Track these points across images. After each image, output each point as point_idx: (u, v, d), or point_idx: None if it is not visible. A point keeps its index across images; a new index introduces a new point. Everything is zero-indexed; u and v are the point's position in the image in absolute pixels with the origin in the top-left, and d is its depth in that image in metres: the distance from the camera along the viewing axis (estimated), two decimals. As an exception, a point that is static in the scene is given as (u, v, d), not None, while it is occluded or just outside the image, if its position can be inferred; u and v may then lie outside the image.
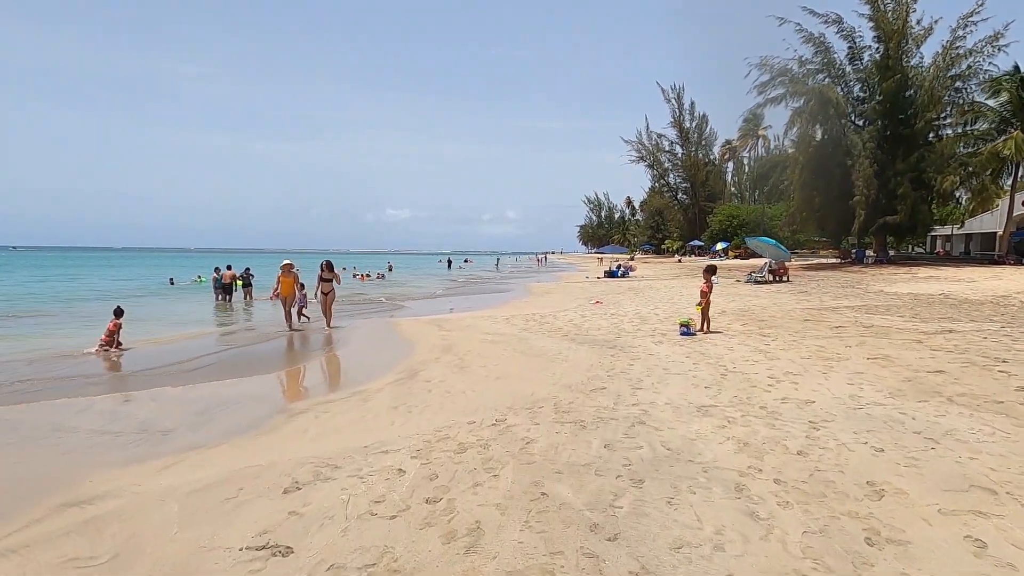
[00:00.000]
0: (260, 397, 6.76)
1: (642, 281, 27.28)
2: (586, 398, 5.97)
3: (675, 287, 22.02)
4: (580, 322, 12.06)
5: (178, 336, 11.71)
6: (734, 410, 5.32)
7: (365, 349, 10.25)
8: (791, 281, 21.89)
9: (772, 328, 10.10)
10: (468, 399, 6.19)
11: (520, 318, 13.14)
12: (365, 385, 7.11)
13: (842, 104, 33.13)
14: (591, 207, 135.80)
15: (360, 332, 12.31)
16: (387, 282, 36.86)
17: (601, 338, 9.94)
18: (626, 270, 32.65)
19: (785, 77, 35.74)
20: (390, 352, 9.67)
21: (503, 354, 8.78)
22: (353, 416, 5.73)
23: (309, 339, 11.45)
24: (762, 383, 6.32)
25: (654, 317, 12.33)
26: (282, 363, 9.38)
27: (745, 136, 66.42)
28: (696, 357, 7.92)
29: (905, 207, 31.15)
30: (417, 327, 12.39)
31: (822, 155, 33.49)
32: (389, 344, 10.55)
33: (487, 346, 9.56)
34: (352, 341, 11.11)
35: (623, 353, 8.46)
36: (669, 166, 78.02)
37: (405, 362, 8.57)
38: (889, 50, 31.87)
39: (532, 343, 9.68)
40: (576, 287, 25.18)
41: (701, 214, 71.87)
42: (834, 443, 4.35)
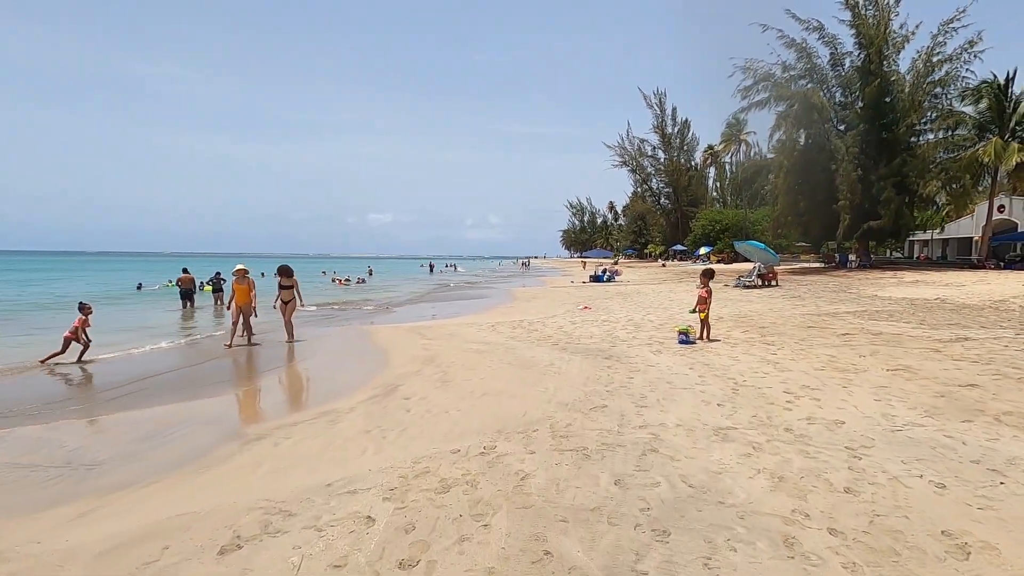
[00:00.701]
0: (214, 420, 5.91)
1: (629, 286, 26.77)
2: (586, 419, 5.26)
3: (663, 292, 21.51)
4: (571, 329, 11.38)
5: (130, 349, 10.69)
6: (757, 433, 4.66)
7: (338, 361, 9.42)
8: (780, 286, 21.53)
9: (775, 336, 9.52)
10: (452, 420, 5.44)
11: (506, 325, 12.41)
12: (335, 403, 6.30)
13: (826, 108, 33.18)
14: (574, 212, 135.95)
15: (333, 341, 11.46)
16: (367, 287, 35.88)
17: (595, 347, 9.27)
18: (611, 274, 32.15)
19: (768, 82, 35.82)
20: (366, 364, 8.87)
21: (490, 366, 8.04)
22: (318, 443, 4.93)
23: (274, 352, 10.55)
24: (779, 399, 5.68)
25: (648, 324, 11.70)
26: (242, 380, 8.43)
27: (727, 141, 66.76)
28: (700, 368, 7.28)
29: (889, 212, 31.24)
30: (397, 335, 11.58)
31: (807, 159, 33.48)
32: (365, 355, 9.74)
33: (472, 357, 8.81)
34: (323, 352, 10.26)
35: (620, 364, 7.78)
36: (652, 171, 78.26)
37: (382, 376, 7.78)
38: (870, 55, 32.04)
39: (521, 353, 8.96)
40: (562, 292, 24.55)
41: (683, 219, 72.06)
42: (884, 476, 3.70)
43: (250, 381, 8.20)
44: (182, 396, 6.95)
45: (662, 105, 71.73)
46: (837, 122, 35.42)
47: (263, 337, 11.57)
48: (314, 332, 12.77)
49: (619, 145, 76.42)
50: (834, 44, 33.48)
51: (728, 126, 63.83)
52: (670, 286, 24.67)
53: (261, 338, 11.47)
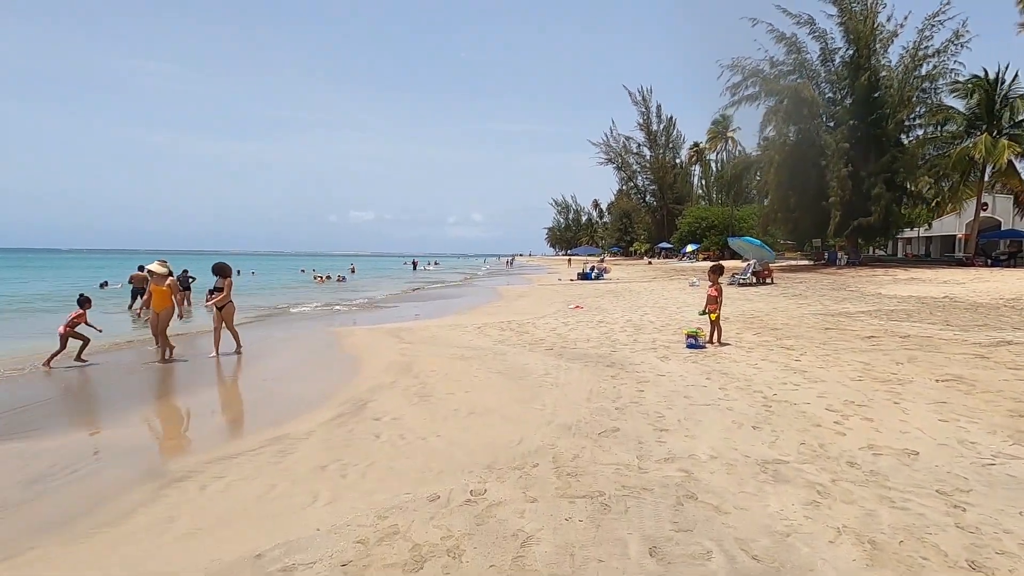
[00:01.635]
0: (129, 453, 4.76)
1: (618, 284, 25.91)
2: (596, 447, 4.26)
3: (656, 290, 20.65)
4: (564, 332, 10.38)
5: (34, 361, 9.19)
6: (815, 469, 3.70)
7: (301, 370, 8.29)
8: (776, 283, 20.82)
9: (792, 339, 8.63)
10: (431, 450, 4.40)
11: (494, 326, 11.38)
12: (290, 427, 5.22)
13: (816, 103, 32.67)
14: (559, 209, 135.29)
15: (299, 346, 10.31)
16: (347, 285, 34.58)
17: (594, 352, 8.28)
18: (600, 272, 31.31)
19: (756, 78, 35.26)
20: (334, 374, 7.77)
21: (477, 376, 7.01)
22: (258, 485, 3.85)
23: (224, 362, 9.37)
24: (825, 420, 4.74)
25: (649, 325, 10.76)
26: (176, 398, 7.07)
27: (714, 138, 66.41)
28: (719, 379, 6.33)
29: (879, 208, 30.85)
30: (372, 339, 10.48)
31: (797, 155, 32.94)
32: (334, 363, 8.63)
33: (457, 364, 7.76)
34: (285, 360, 9.12)
35: (626, 373, 6.80)
36: (637, 168, 77.72)
37: (351, 388, 6.70)
38: (859, 50, 31.61)
39: (511, 359, 7.94)
40: (550, 290, 23.59)
41: (669, 216, 71.65)
42: (1010, 540, 2.76)
43: (186, 399, 7.01)
44: (92, 421, 5.81)
45: (647, 102, 71.21)
46: (827, 118, 35.01)
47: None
48: (280, 335, 11.60)
49: (604, 142, 75.69)
50: (824, 39, 33.00)
51: (714, 123, 63.49)
52: (662, 284, 23.84)
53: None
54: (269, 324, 13.82)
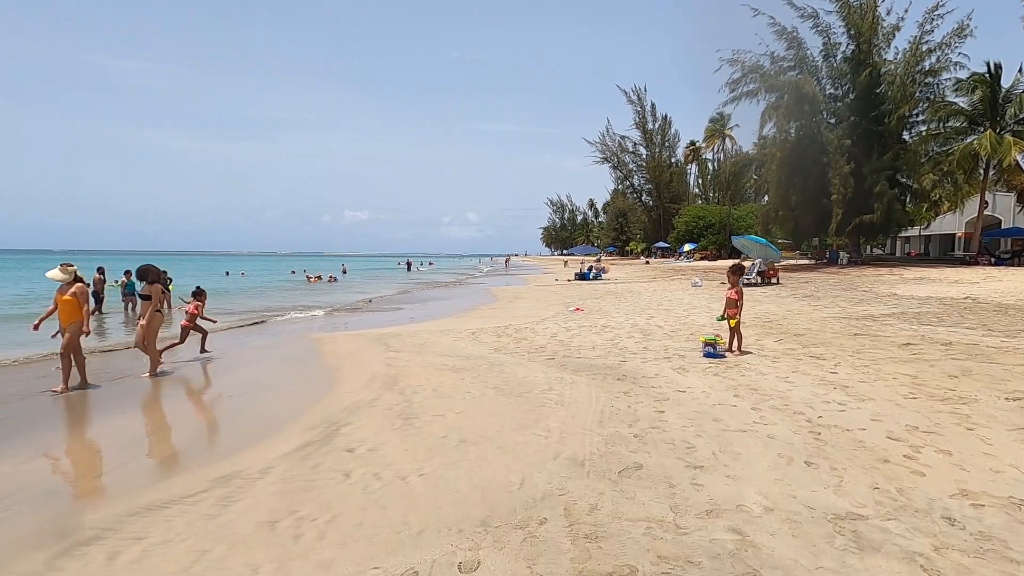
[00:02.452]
0: (28, 500, 3.87)
1: (618, 284, 25.08)
2: (617, 493, 3.41)
3: (658, 291, 19.83)
4: (566, 337, 9.52)
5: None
6: (906, 529, 2.85)
7: (274, 384, 7.38)
8: (782, 284, 20.05)
9: (819, 346, 7.81)
10: (411, 495, 3.54)
11: (490, 332, 10.52)
12: (244, 459, 4.34)
13: (817, 99, 31.99)
14: (554, 209, 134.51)
15: (276, 355, 9.39)
16: (338, 285, 33.65)
17: (600, 362, 7.43)
18: (598, 272, 30.48)
19: (756, 74, 34.59)
20: (310, 388, 6.88)
21: (470, 391, 6.14)
22: (183, 553, 2.97)
23: (186, 374, 8.48)
24: (891, 452, 3.91)
25: (658, 330, 9.91)
26: (115, 419, 6.09)
27: (711, 136, 65.73)
28: (749, 396, 5.49)
29: (882, 205, 30.20)
30: (357, 346, 9.59)
31: (798, 152, 32.25)
32: (312, 374, 7.73)
33: (448, 377, 6.89)
34: (254, 371, 8.21)
35: (640, 388, 5.96)
36: (633, 167, 77.06)
37: (326, 406, 5.82)
38: (860, 45, 30.96)
39: (509, 371, 7.08)
40: (547, 291, 22.74)
41: (665, 215, 71.04)
42: None
43: (124, 425, 6.09)
44: (20, 443, 4.89)
45: (642, 101, 70.52)
46: (828, 114, 34.37)
47: (183, 352, 9.44)
48: (258, 342, 10.69)
49: (600, 141, 74.98)
50: (827, 34, 32.33)
51: (712, 121, 62.82)
52: (663, 284, 23.03)
53: (176, 359, 9.35)
54: (249, 329, 12.91)
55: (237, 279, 40.79)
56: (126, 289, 18.30)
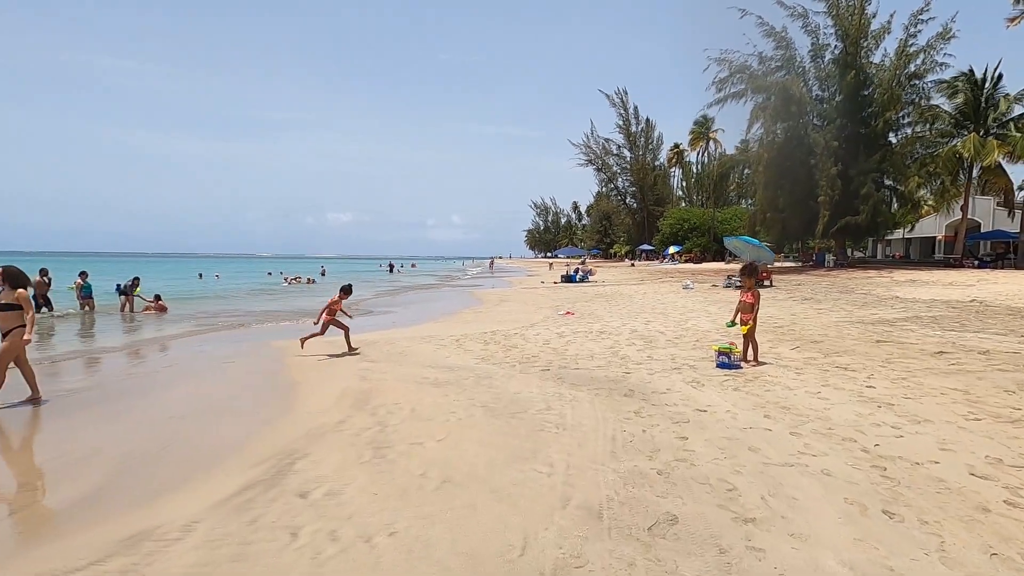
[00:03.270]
0: None
1: (606, 287, 24.35)
2: (651, 562, 2.56)
3: (649, 294, 19.11)
4: (560, 345, 8.67)
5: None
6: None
7: (227, 402, 6.37)
8: (776, 286, 19.48)
9: (842, 354, 7.07)
10: (376, 568, 2.63)
11: (476, 338, 9.62)
12: (165, 509, 3.38)
13: (805, 100, 31.75)
14: (538, 212, 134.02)
15: (236, 368, 8.34)
16: (316, 287, 32.42)
17: (601, 374, 6.58)
18: (584, 274, 29.73)
19: (744, 74, 34.32)
20: (269, 407, 5.91)
21: (454, 412, 5.24)
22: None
23: (114, 393, 7.41)
24: (986, 495, 3.12)
25: (659, 337, 9.10)
26: (21, 444, 5.28)
27: (696, 139, 65.70)
28: (781, 416, 4.69)
29: (868, 208, 30.02)
30: (325, 354, 8.62)
31: (785, 154, 31.97)
32: (274, 390, 6.75)
33: (429, 393, 5.98)
34: (212, 386, 7.19)
35: (653, 407, 5.12)
36: (618, 170, 76.82)
37: (284, 431, 4.87)
38: (847, 47, 30.82)
39: (499, 385, 6.19)
40: (534, 294, 21.89)
41: (650, 218, 70.86)
42: None
43: (18, 458, 5.09)
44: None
45: (625, 104, 70.28)
46: (815, 116, 34.23)
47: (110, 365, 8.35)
48: (218, 351, 9.64)
49: (584, 144, 74.57)
50: (816, 34, 32.13)
51: (696, 124, 62.80)
52: (653, 287, 22.34)
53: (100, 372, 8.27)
54: (211, 336, 11.81)
55: (210, 281, 39.24)
56: (82, 292, 17.04)
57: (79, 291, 17.02)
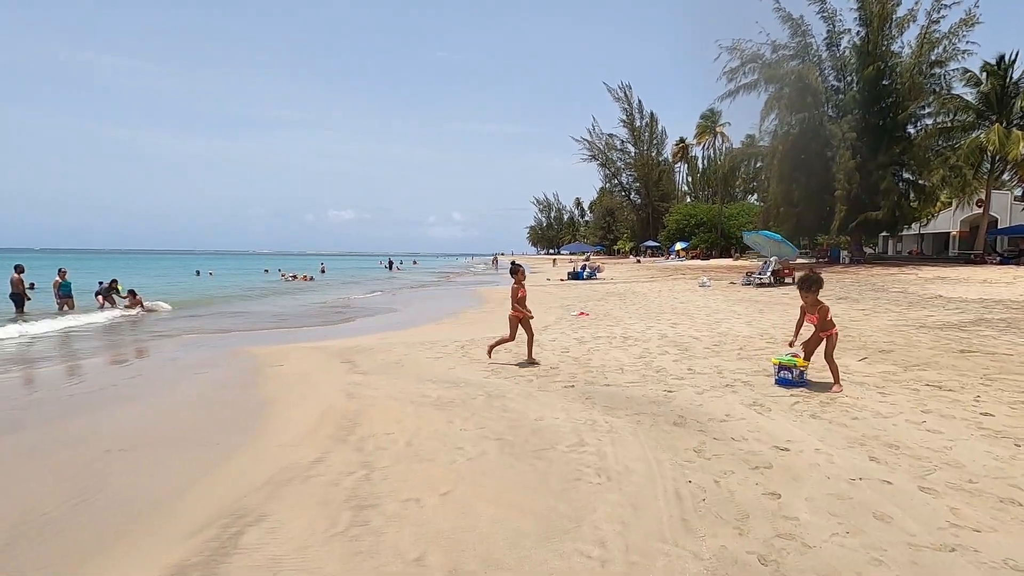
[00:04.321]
0: None
1: (616, 284, 23.19)
2: None
3: (664, 292, 17.95)
4: (582, 353, 7.51)
5: None
6: None
7: (171, 426, 5.22)
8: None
9: (924, 367, 5.91)
10: None
11: (484, 344, 8.47)
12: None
13: (821, 90, 30.49)
14: (540, 208, 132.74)
15: (205, 379, 7.19)
16: (315, 284, 31.37)
17: (638, 392, 5.44)
18: (592, 271, 28.58)
19: (756, 63, 33.09)
20: (225, 434, 4.77)
21: (461, 447, 4.11)
22: None
23: (39, 418, 6.31)
24: None
25: (694, 343, 7.94)
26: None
27: (702, 132, 64.35)
28: (893, 459, 3.55)
29: (888, 202, 28.81)
30: (313, 364, 7.49)
31: (801, 146, 30.72)
32: (238, 409, 5.61)
33: (428, 418, 4.84)
34: (169, 404, 6.06)
35: (715, 441, 3.99)
36: (621, 165, 75.57)
37: (236, 474, 3.75)
38: (870, 34, 29.52)
39: (515, 408, 5.05)
40: (541, 292, 20.73)
41: (655, 214, 69.66)
42: None
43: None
44: None
45: (628, 98, 68.96)
46: (830, 107, 32.99)
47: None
48: (190, 358, 8.52)
49: (587, 139, 73.29)
50: (832, 20, 30.83)
51: (703, 117, 61.49)
52: (667, 285, 21.18)
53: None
54: (188, 340, 10.70)
55: (206, 279, 38.19)
56: (60, 290, 15.95)
57: (57, 289, 15.94)
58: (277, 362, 7.72)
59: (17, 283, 14.85)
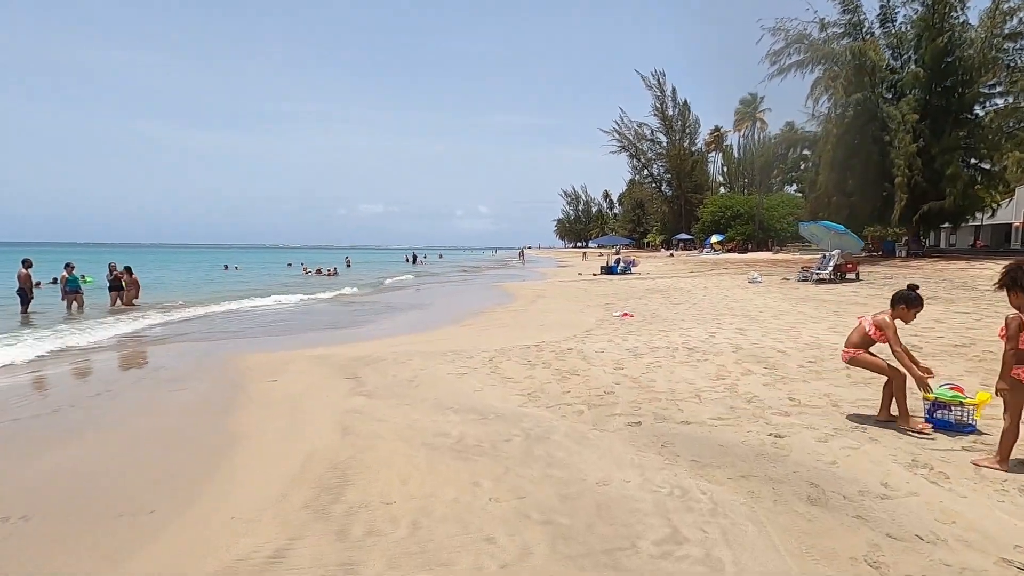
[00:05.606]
0: None
1: (654, 280, 21.51)
2: None
3: (711, 289, 16.25)
4: (639, 370, 6.02)
5: None
6: None
7: (110, 474, 3.96)
8: (863, 280, 16.40)
9: None
10: None
11: (516, 355, 7.05)
12: None
13: (881, 67, 28.00)
14: (568, 200, 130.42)
15: (167, 398, 5.93)
16: (338, 279, 30.50)
17: (732, 436, 3.95)
18: (627, 265, 26.89)
19: (803, 43, 30.74)
20: (168, 492, 3.48)
21: (493, 539, 2.70)
22: None
23: None
24: None
25: (781, 358, 6.35)
26: None
27: (741, 120, 61.44)
28: None
29: (956, 190, 26.24)
30: (309, 380, 6.20)
31: (856, 129, 28.28)
32: (194, 448, 4.33)
33: (444, 478, 3.46)
34: (112, 432, 4.82)
35: (894, 543, 2.49)
36: (652, 156, 73.14)
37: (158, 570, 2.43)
38: (936, 6, 26.86)
39: (566, 463, 3.63)
40: (573, 288, 19.23)
41: (687, 206, 67.15)
42: None
43: None
44: None
45: (661, 86, 66.37)
46: (884, 88, 30.44)
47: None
48: (164, 371, 7.34)
49: (616, 130, 70.98)
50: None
51: (743, 103, 58.60)
52: (712, 280, 19.43)
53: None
54: (178, 343, 9.59)
55: (232, 272, 37.83)
56: (67, 286, 15.18)
57: (63, 285, 15.18)
58: (271, 376, 6.46)
59: (24, 278, 14.13)
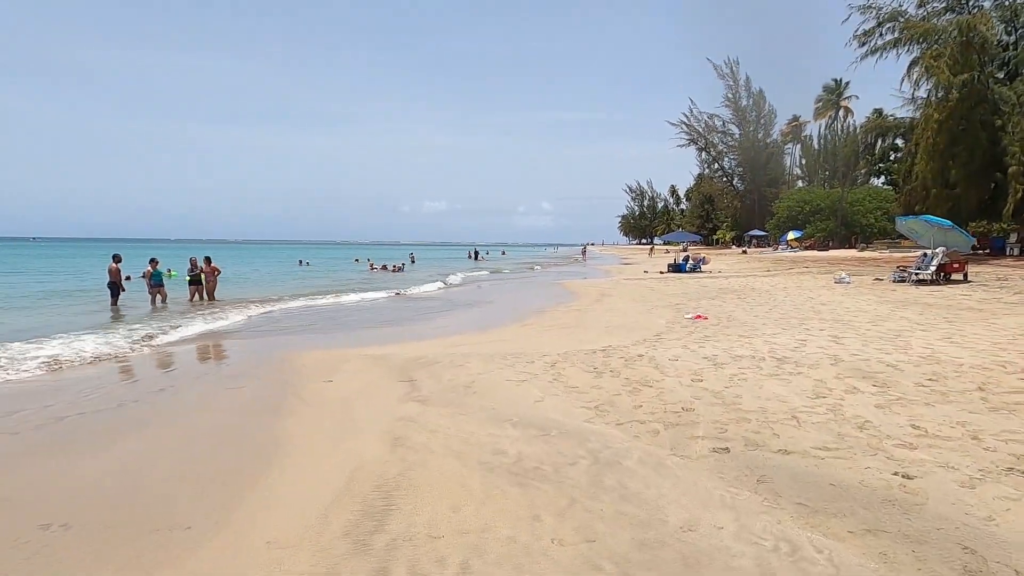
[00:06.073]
0: None
1: (726, 279, 20.21)
2: None
3: (792, 290, 14.94)
4: (722, 384, 5.31)
5: None
6: None
7: (152, 478, 3.80)
8: (975, 281, 14.54)
9: None
10: None
11: (579, 360, 6.52)
12: None
13: (992, 43, 25.01)
14: (632, 196, 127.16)
15: (225, 397, 5.83)
16: (403, 275, 31.00)
17: (846, 473, 3.26)
18: (696, 263, 25.54)
19: (896, 22, 28.05)
20: (203, 505, 3.23)
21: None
22: None
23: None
24: None
25: (894, 373, 5.44)
26: None
27: (824, 108, 57.27)
28: None
29: (1086, 180, 22.97)
30: (364, 380, 5.96)
31: (961, 113, 25.40)
32: (236, 454, 4.12)
33: (501, 508, 3.01)
34: (163, 428, 4.71)
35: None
36: (723, 148, 69.78)
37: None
38: (1062, -34, 23.65)
39: (642, 498, 3.08)
40: (639, 287, 18.35)
41: (761, 200, 63.56)
42: None
43: None
44: None
45: (735, 75, 63.04)
46: (997, 66, 27.20)
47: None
48: (226, 366, 7.35)
49: (684, 122, 68.14)
50: (1001, -42, 25.18)
51: (826, 90, 54.58)
52: (792, 280, 17.96)
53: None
54: (248, 339, 9.74)
55: (304, 270, 39.44)
56: (152, 280, 16.07)
57: (148, 280, 16.08)
58: (327, 375, 6.29)
59: (115, 273, 15.04)
